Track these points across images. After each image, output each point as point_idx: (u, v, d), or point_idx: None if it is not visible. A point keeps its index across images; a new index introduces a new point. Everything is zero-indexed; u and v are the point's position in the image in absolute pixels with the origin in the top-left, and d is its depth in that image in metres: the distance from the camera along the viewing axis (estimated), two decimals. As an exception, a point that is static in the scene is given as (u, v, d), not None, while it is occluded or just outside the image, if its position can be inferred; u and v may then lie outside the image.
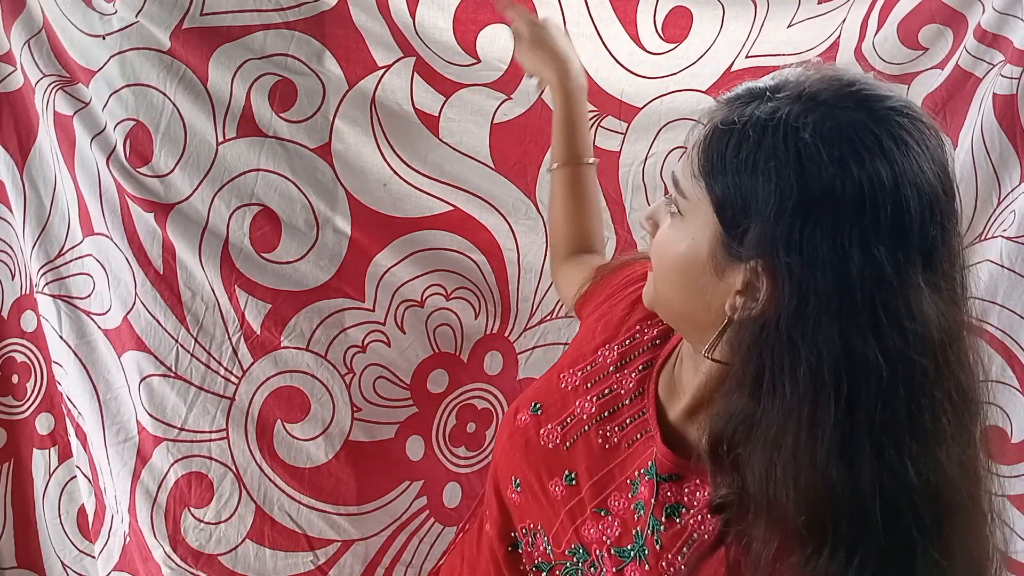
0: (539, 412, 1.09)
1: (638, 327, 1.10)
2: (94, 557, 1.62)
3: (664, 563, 0.91)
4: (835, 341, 0.75)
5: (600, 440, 1.03)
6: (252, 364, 1.52)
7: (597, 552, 0.99)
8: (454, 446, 1.67)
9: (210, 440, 1.52)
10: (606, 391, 1.06)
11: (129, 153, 1.44)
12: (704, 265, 0.83)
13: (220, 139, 1.45)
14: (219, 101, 1.44)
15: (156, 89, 1.42)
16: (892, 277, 0.75)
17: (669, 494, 0.94)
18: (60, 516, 1.64)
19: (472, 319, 1.64)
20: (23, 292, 1.59)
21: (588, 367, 1.10)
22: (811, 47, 1.65)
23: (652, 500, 0.94)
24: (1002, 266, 1.60)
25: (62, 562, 1.66)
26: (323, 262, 1.52)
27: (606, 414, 1.04)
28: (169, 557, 1.51)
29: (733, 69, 1.64)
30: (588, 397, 1.07)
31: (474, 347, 1.66)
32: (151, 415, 1.50)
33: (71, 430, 1.58)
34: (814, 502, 0.77)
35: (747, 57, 1.64)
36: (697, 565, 0.89)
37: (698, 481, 0.93)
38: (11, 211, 1.55)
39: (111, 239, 1.48)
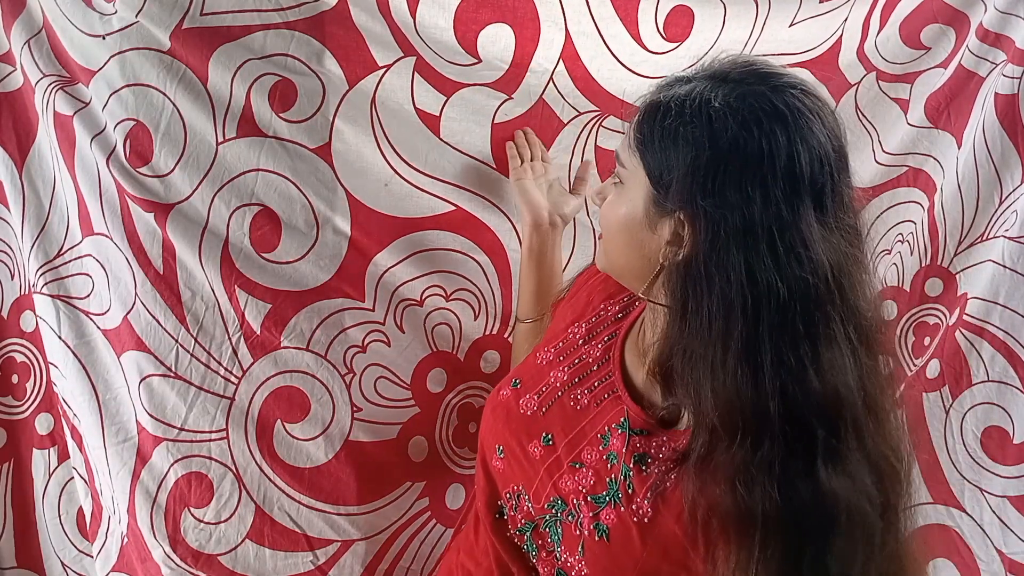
0: (518, 386, 1.23)
1: (602, 305, 1.27)
2: (93, 557, 1.62)
3: (635, 505, 1.03)
4: (740, 266, 0.91)
5: (572, 403, 1.16)
6: (252, 364, 1.52)
7: (574, 501, 1.09)
8: (458, 447, 1.67)
9: (210, 440, 1.52)
10: (576, 361, 1.20)
11: (129, 153, 1.44)
12: (641, 222, 1.01)
13: (220, 139, 1.45)
14: (219, 101, 1.43)
15: (156, 89, 1.42)
16: (787, 213, 0.91)
17: (639, 445, 1.07)
18: (60, 516, 1.64)
19: (472, 320, 1.65)
20: (23, 292, 1.59)
21: (560, 343, 1.25)
22: (814, 46, 1.65)
23: (624, 450, 1.07)
24: (1004, 266, 1.60)
25: (62, 562, 1.66)
26: (323, 262, 1.52)
27: (577, 380, 1.18)
28: (169, 557, 1.51)
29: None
30: (561, 368, 1.21)
31: (471, 346, 1.67)
32: (151, 415, 1.50)
33: (67, 432, 1.58)
34: (725, 402, 0.92)
35: (749, 58, 1.64)
36: (663, 493, 1.02)
37: (664, 438, 1.06)
38: (10, 211, 1.54)
39: (111, 239, 1.48)
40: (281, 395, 1.54)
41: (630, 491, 1.05)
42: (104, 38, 1.39)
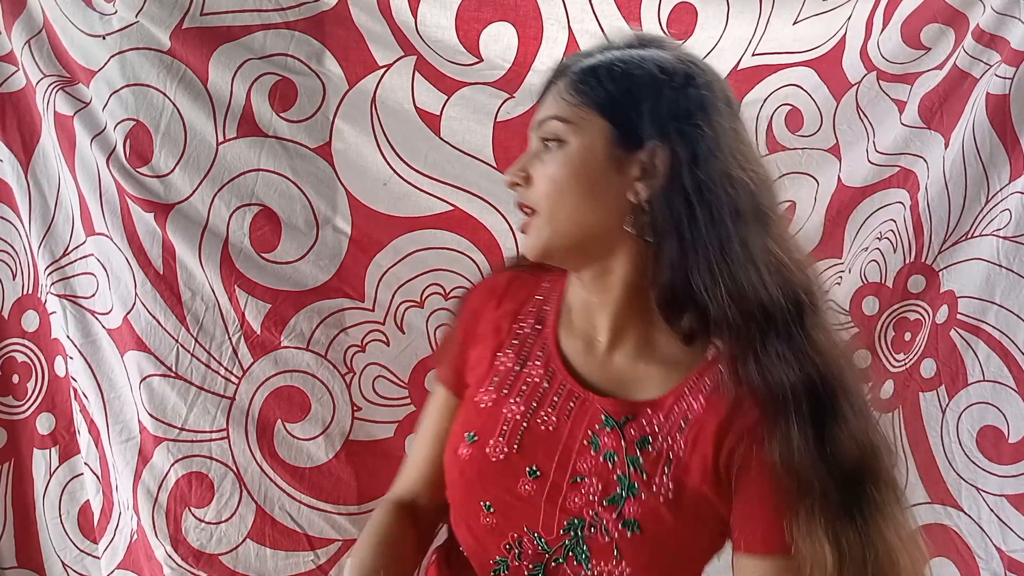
0: (476, 438, 1.15)
1: (514, 324, 1.21)
2: (95, 557, 1.62)
3: (655, 487, 1.05)
4: (720, 170, 1.02)
5: (542, 427, 1.12)
6: (252, 364, 1.52)
7: (591, 513, 1.08)
8: None
9: (210, 440, 1.52)
10: (523, 388, 1.16)
11: (129, 153, 1.44)
12: (604, 167, 1.05)
13: (220, 139, 1.45)
14: (219, 101, 1.44)
15: (156, 89, 1.43)
16: (733, 123, 1.07)
17: (633, 432, 1.08)
18: (60, 516, 1.63)
19: None
20: (24, 292, 1.59)
21: (495, 379, 1.18)
22: (817, 44, 1.66)
23: (622, 443, 1.08)
24: (1000, 265, 1.60)
25: (62, 562, 1.65)
26: (323, 262, 1.52)
27: (534, 404, 1.14)
28: (170, 557, 1.51)
29: (740, 67, 1.65)
30: (510, 401, 1.15)
31: None
32: (151, 415, 1.50)
33: (84, 426, 1.58)
34: (745, 300, 1.02)
35: (754, 55, 1.65)
36: (679, 462, 1.06)
37: (649, 411, 1.09)
38: (14, 211, 1.55)
39: (111, 239, 1.48)
40: (281, 395, 1.54)
41: (644, 477, 1.06)
42: (104, 38, 1.40)
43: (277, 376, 1.53)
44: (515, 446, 1.12)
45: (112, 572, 1.59)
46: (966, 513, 1.68)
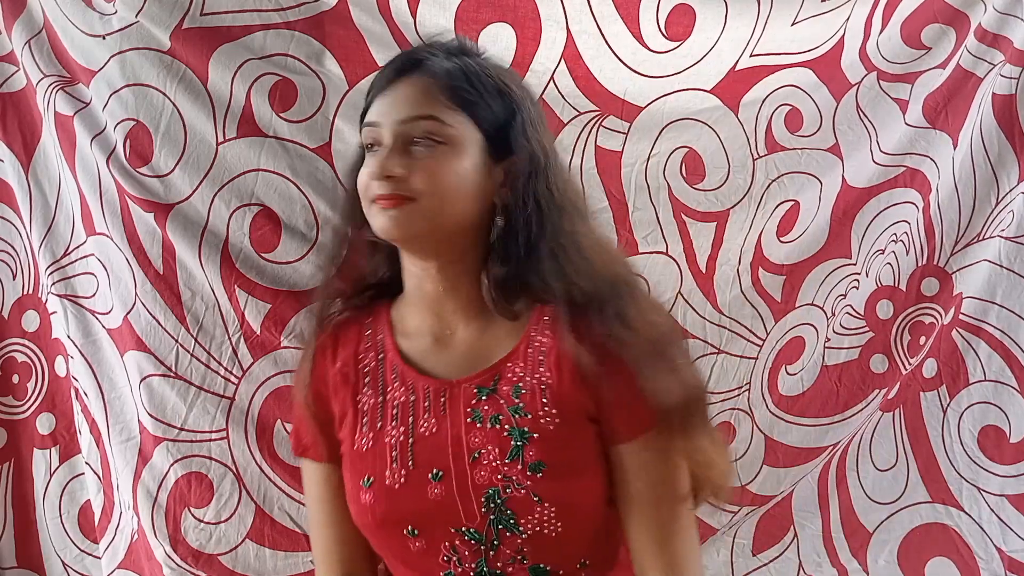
0: (373, 480, 1.16)
1: (358, 366, 1.23)
2: (95, 556, 1.62)
3: (542, 420, 1.12)
4: (562, 176, 1.19)
5: (426, 434, 1.16)
6: (252, 364, 1.52)
7: (499, 477, 1.12)
8: None
9: (210, 440, 1.52)
10: (394, 412, 1.18)
11: (129, 153, 1.44)
12: (479, 172, 1.14)
13: (220, 139, 1.46)
14: (219, 101, 1.44)
15: (156, 89, 1.43)
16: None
17: (505, 387, 1.15)
18: (61, 516, 1.63)
19: None
20: (24, 292, 1.59)
21: (365, 420, 1.21)
22: (815, 45, 1.66)
23: (500, 401, 1.14)
24: (1001, 266, 1.60)
25: (62, 562, 1.65)
26: (323, 262, 1.51)
27: (411, 420, 1.17)
28: (169, 557, 1.52)
29: (738, 68, 1.64)
30: (389, 428, 1.18)
31: None
32: (151, 415, 1.50)
33: (86, 425, 1.58)
34: (584, 277, 1.13)
35: (751, 56, 1.64)
36: (551, 389, 1.13)
37: (510, 363, 1.16)
38: (15, 211, 1.55)
39: (111, 239, 1.48)
40: (281, 395, 1.54)
41: (529, 416, 1.12)
42: (104, 38, 1.41)
43: (277, 376, 1.53)
44: (410, 463, 1.15)
45: (112, 572, 1.59)
46: (967, 513, 1.68)
